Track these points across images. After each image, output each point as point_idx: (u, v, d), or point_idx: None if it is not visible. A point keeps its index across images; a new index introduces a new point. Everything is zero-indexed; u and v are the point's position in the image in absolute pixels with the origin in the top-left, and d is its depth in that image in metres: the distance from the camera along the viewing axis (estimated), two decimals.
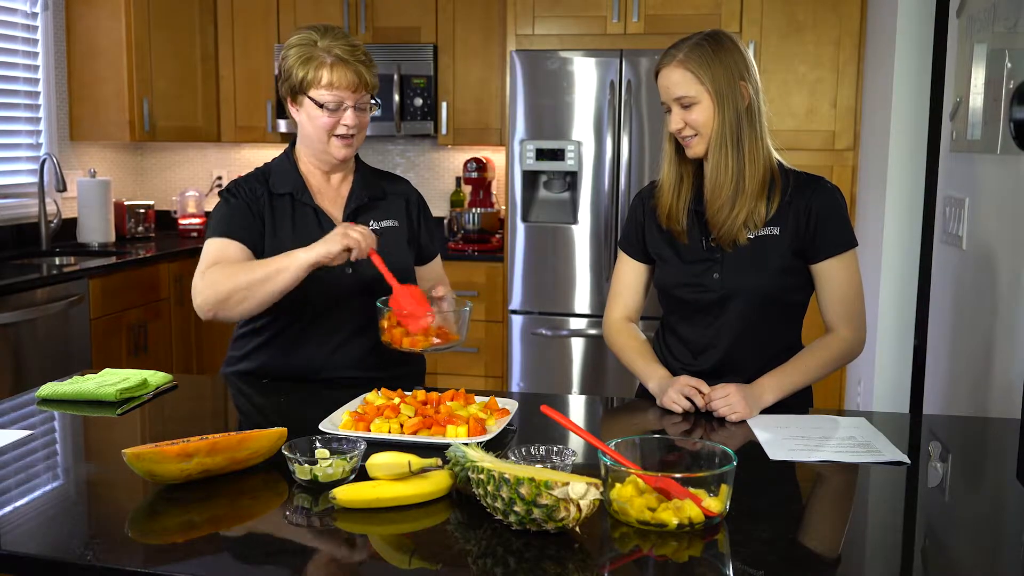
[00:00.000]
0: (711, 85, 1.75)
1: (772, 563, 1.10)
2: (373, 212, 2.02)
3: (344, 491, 1.25)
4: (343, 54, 1.88)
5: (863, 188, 3.67)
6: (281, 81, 1.95)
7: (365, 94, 1.92)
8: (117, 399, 1.75)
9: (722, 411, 1.69)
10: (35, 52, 4.15)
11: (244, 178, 1.99)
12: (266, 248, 1.92)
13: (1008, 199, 2.12)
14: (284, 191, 1.96)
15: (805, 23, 3.75)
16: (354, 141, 1.94)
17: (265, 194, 1.96)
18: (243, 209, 1.92)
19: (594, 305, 3.90)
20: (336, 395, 1.73)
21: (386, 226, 2.03)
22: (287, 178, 1.98)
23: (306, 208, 1.96)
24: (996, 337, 2.14)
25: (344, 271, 1.92)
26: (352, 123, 1.90)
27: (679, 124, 1.79)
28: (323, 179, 2.01)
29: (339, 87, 1.87)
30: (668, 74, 1.78)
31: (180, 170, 5.02)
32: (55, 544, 1.17)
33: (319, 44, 1.89)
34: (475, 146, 4.52)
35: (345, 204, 2.00)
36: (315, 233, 1.91)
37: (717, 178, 1.78)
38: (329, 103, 1.87)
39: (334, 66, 1.87)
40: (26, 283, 3.29)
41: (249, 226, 1.91)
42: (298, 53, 1.90)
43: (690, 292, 1.85)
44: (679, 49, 1.78)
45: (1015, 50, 2.06)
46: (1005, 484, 1.41)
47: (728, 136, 1.76)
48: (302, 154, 2.01)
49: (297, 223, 1.95)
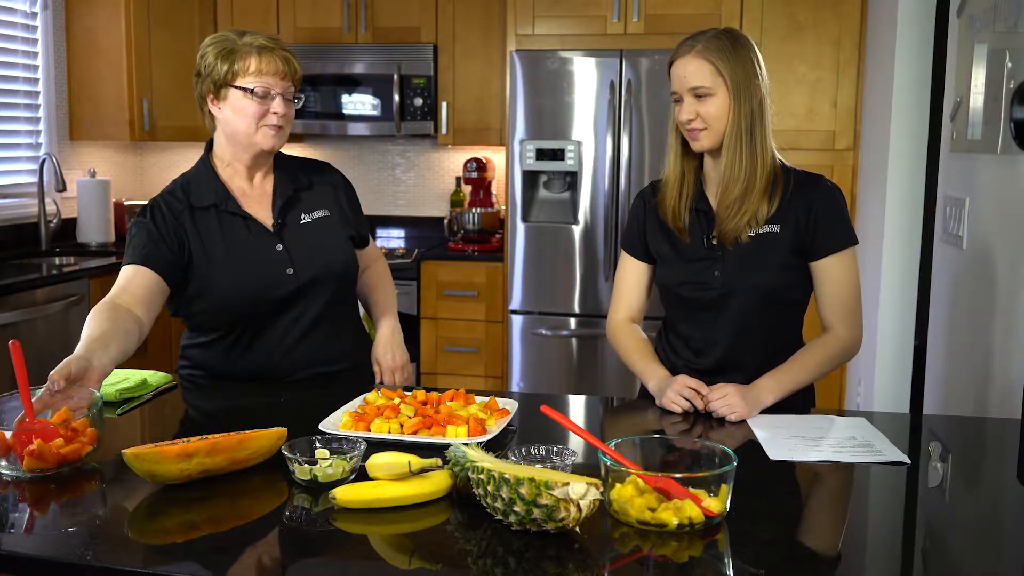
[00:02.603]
0: (729, 78, 1.75)
1: (772, 563, 1.10)
2: (302, 205, 2.00)
3: (344, 491, 1.25)
4: (267, 43, 1.89)
5: (863, 188, 3.67)
6: (200, 81, 1.92)
7: (291, 85, 1.91)
8: (117, 399, 1.75)
9: (721, 411, 1.69)
10: (35, 52, 4.15)
11: (162, 196, 1.93)
12: (198, 265, 1.87)
13: (1008, 199, 2.12)
14: (207, 203, 1.91)
15: (805, 23, 3.75)
16: (281, 132, 1.91)
17: (186, 210, 1.90)
18: (154, 235, 1.85)
19: (594, 305, 3.90)
20: (336, 395, 1.73)
21: (318, 217, 2.00)
22: (208, 189, 1.93)
23: (234, 217, 1.92)
24: (996, 337, 2.14)
25: (285, 273, 1.91)
26: (282, 111, 1.88)
27: (690, 115, 1.77)
28: (245, 182, 1.97)
29: (267, 73, 1.86)
30: (685, 63, 1.77)
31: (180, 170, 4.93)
32: (55, 544, 1.17)
33: (239, 40, 1.89)
34: (475, 146, 4.52)
35: (272, 203, 1.96)
36: (247, 243, 1.90)
37: (731, 174, 1.78)
38: (258, 89, 1.86)
39: (260, 54, 1.87)
40: (26, 283, 3.29)
41: (158, 255, 1.84)
42: (217, 49, 1.89)
43: (691, 290, 1.86)
44: (697, 40, 1.78)
45: (1015, 50, 2.05)
46: (1005, 484, 1.41)
47: (743, 132, 1.76)
48: (222, 157, 1.96)
49: (227, 236, 1.91)
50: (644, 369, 1.86)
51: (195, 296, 1.90)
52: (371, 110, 4.35)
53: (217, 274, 1.88)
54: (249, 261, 1.90)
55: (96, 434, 1.41)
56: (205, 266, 1.88)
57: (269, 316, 1.93)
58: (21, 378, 1.43)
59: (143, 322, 1.75)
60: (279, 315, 1.93)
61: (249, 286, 1.89)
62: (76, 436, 1.38)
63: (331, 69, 4.34)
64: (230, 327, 1.93)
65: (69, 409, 1.43)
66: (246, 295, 1.89)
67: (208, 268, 1.88)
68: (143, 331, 1.74)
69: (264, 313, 1.92)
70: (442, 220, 4.61)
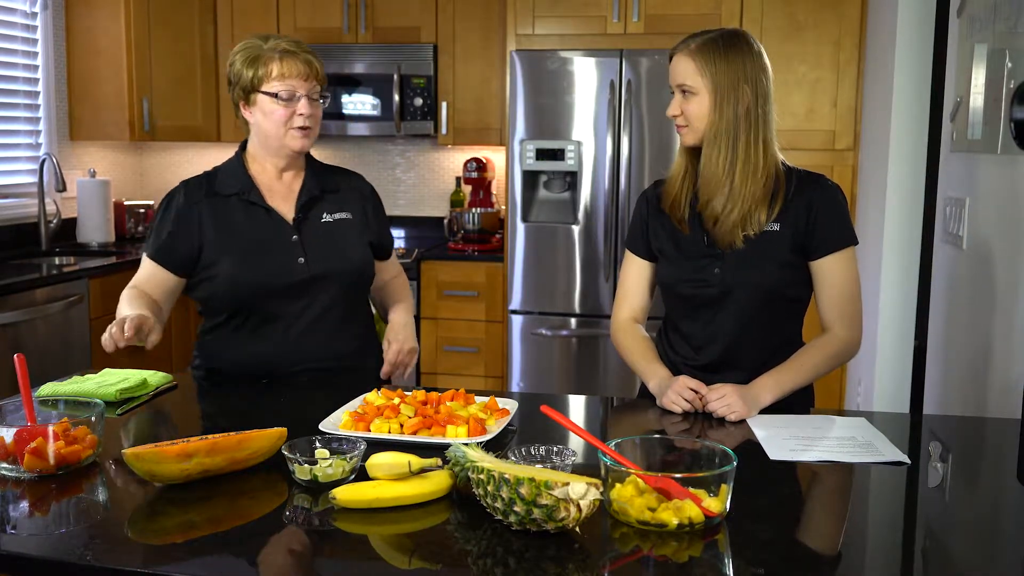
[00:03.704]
0: (711, 81, 1.77)
1: (772, 563, 1.10)
2: (325, 205, 2.05)
3: (344, 491, 1.25)
4: (289, 47, 1.94)
5: (863, 188, 3.67)
6: (231, 87, 1.99)
7: (316, 85, 1.96)
8: (117, 399, 1.75)
9: (720, 411, 1.69)
10: (35, 52, 4.15)
11: (185, 183, 2.03)
12: (208, 246, 1.95)
13: (1008, 199, 2.12)
14: (230, 192, 1.99)
15: (805, 23, 3.75)
16: (310, 133, 1.97)
17: (204, 199, 1.98)
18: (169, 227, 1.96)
19: (594, 305, 3.90)
20: (336, 395, 1.73)
21: (339, 218, 2.05)
22: (234, 179, 2.01)
23: (255, 207, 1.99)
24: (996, 337, 2.14)
25: (296, 262, 1.96)
26: (308, 112, 1.94)
27: (675, 111, 1.84)
28: (274, 177, 2.03)
29: (290, 76, 1.92)
30: (677, 60, 1.82)
31: (180, 170, 5.01)
32: (55, 544, 1.17)
33: (264, 45, 1.94)
34: (475, 146, 4.52)
35: (297, 198, 2.02)
36: (263, 229, 1.97)
37: (706, 171, 1.81)
38: (282, 92, 1.92)
39: (283, 58, 1.93)
40: (26, 283, 3.29)
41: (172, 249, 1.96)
42: (244, 55, 1.95)
43: (691, 287, 1.86)
44: (694, 39, 1.81)
45: (1015, 50, 2.05)
46: (1005, 484, 1.41)
47: (723, 134, 1.78)
48: (255, 156, 2.04)
49: (243, 221, 1.97)
50: (646, 369, 1.87)
51: (204, 276, 1.97)
52: (371, 110, 4.35)
53: (227, 254, 1.94)
54: (262, 245, 1.96)
55: (97, 440, 1.42)
56: (216, 247, 1.95)
57: (276, 303, 1.96)
58: (25, 389, 1.46)
59: (163, 311, 1.95)
60: (286, 304, 1.97)
61: (257, 269, 1.94)
62: (76, 443, 1.38)
63: (331, 69, 4.33)
64: (237, 309, 1.97)
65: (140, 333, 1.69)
66: (253, 277, 1.94)
67: (219, 248, 1.95)
68: (162, 319, 1.91)
69: (271, 300, 1.96)
70: (442, 220, 4.61)
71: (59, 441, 1.35)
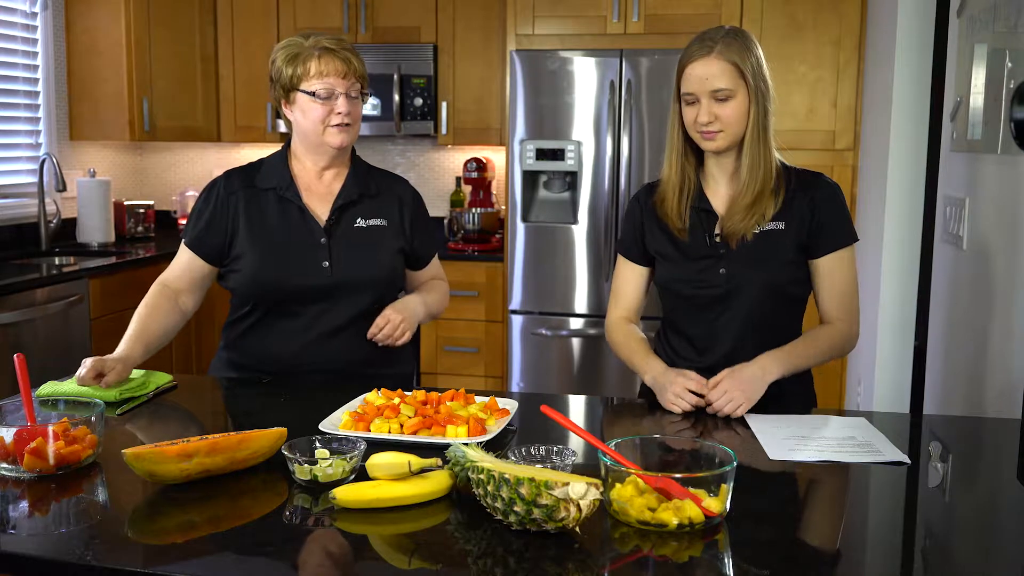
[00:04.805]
0: (751, 79, 1.75)
1: (772, 563, 1.10)
2: (361, 209, 2.04)
3: (344, 491, 1.25)
4: (329, 45, 1.94)
5: (863, 188, 3.67)
6: (273, 86, 1.99)
7: (355, 82, 1.96)
8: (117, 399, 1.75)
9: (726, 409, 1.69)
10: (35, 52, 4.15)
11: (226, 173, 2.05)
12: (239, 237, 1.97)
13: (1008, 199, 2.12)
14: (269, 186, 2.00)
15: (805, 23, 3.75)
16: (350, 130, 1.97)
17: (241, 190, 2.00)
18: (206, 218, 1.99)
19: (594, 305, 3.90)
20: (336, 395, 1.73)
21: (373, 224, 2.04)
22: (275, 174, 2.02)
23: (290, 204, 1.99)
24: (996, 337, 2.14)
25: (320, 265, 1.96)
26: (345, 110, 1.93)
27: (709, 117, 1.76)
28: (315, 176, 2.03)
29: (328, 74, 1.92)
30: (706, 65, 1.75)
31: (180, 170, 5.02)
32: (55, 544, 1.17)
33: (305, 43, 1.94)
34: (475, 146, 4.52)
35: (334, 200, 2.02)
36: (292, 227, 1.97)
37: (752, 175, 1.79)
38: (320, 91, 1.92)
39: (321, 56, 1.92)
40: (26, 283, 3.29)
41: (208, 239, 1.99)
42: (285, 54, 1.95)
43: (694, 288, 1.86)
44: (713, 41, 1.76)
45: (1015, 50, 2.05)
46: (1005, 484, 1.41)
47: (760, 131, 1.78)
48: (296, 154, 2.04)
49: (275, 216, 1.98)
50: (641, 363, 1.87)
51: (233, 267, 1.99)
52: (371, 110, 4.35)
53: (254, 247, 1.96)
54: (288, 244, 1.97)
55: (97, 440, 1.42)
56: (245, 239, 1.96)
57: (297, 303, 1.97)
58: (25, 389, 1.46)
59: (188, 305, 2.01)
60: (307, 305, 1.97)
61: (279, 267, 1.95)
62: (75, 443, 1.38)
63: None
64: (257, 302, 1.99)
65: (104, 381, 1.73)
66: (273, 274, 1.95)
67: (247, 240, 1.96)
68: (187, 313, 2.01)
69: (291, 299, 1.96)
70: (442, 220, 4.61)
71: (59, 441, 1.36)
